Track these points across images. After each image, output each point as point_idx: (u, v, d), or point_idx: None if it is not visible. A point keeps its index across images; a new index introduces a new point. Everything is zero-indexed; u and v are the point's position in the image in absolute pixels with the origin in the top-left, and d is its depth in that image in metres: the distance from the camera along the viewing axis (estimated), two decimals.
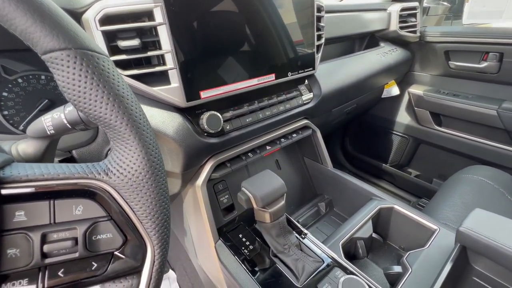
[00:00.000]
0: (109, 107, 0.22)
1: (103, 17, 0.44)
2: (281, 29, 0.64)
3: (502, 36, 1.02)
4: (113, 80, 0.23)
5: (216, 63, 0.55)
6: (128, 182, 0.23)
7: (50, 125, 0.31)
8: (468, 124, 1.20)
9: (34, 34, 0.20)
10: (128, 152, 0.23)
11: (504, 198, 0.88)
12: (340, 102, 0.97)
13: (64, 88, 0.22)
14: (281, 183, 0.55)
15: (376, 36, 1.22)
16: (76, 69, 0.21)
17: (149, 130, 0.25)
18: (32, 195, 0.21)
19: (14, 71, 0.51)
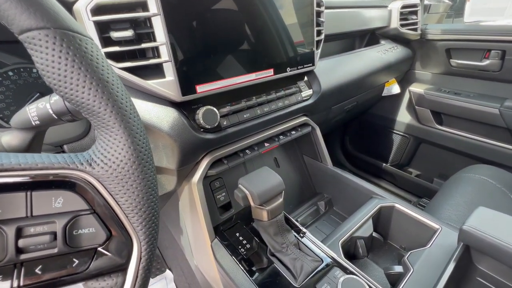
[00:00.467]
0: (92, 92, 0.21)
1: (95, 7, 0.43)
2: (280, 23, 0.62)
3: (504, 34, 1.01)
4: (97, 63, 0.21)
5: (213, 56, 0.53)
6: (113, 173, 0.22)
7: (35, 115, 0.30)
8: (470, 123, 1.19)
9: (9, 11, 0.18)
10: (113, 142, 0.22)
11: (506, 197, 0.87)
12: (340, 100, 0.95)
13: (43, 71, 0.20)
14: (279, 180, 0.54)
15: (377, 34, 1.20)
16: (55, 50, 0.20)
17: (136, 118, 0.23)
18: (6, 186, 0.19)
19: (4, 63, 0.50)
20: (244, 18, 0.56)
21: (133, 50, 0.47)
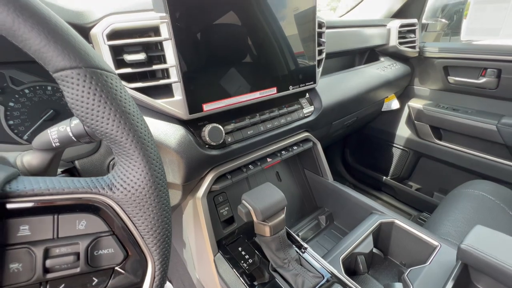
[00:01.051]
0: (115, 124, 0.23)
1: (111, 32, 0.46)
2: (283, 43, 0.65)
3: (500, 53, 1.04)
4: (120, 97, 0.23)
5: (219, 76, 0.56)
6: (132, 197, 0.24)
7: (55, 137, 0.32)
8: (468, 138, 1.21)
9: (47, 54, 0.21)
10: (133, 168, 0.24)
11: (505, 214, 0.88)
12: (340, 115, 0.97)
13: (73, 104, 0.22)
14: (282, 196, 0.55)
15: (376, 51, 1.24)
16: (85, 87, 0.22)
17: (153, 146, 0.25)
18: (37, 210, 0.21)
19: (21, 82, 0.52)
20: (250, 42, 0.59)
21: (144, 71, 0.49)
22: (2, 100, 0.50)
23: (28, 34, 0.20)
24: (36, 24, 0.20)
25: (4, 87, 0.50)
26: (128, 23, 0.46)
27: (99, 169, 0.54)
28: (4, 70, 0.50)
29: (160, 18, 0.47)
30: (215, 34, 0.53)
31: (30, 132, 0.53)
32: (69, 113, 0.56)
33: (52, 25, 0.21)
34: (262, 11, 0.59)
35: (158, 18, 0.47)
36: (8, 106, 0.51)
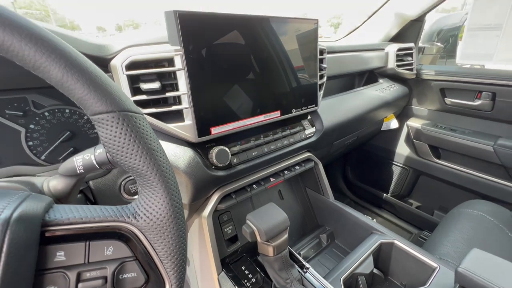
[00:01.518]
0: (142, 160, 0.26)
1: (129, 64, 0.50)
2: (287, 71, 0.70)
3: (494, 78, 1.09)
4: (147, 135, 0.27)
5: (226, 102, 0.60)
6: (153, 225, 0.26)
7: (80, 165, 0.35)
8: (466, 158, 1.23)
9: (87, 101, 0.24)
10: (155, 198, 0.26)
11: (503, 234, 0.89)
12: (341, 136, 1.01)
13: (106, 143, 0.25)
14: (285, 216, 0.57)
15: (375, 72, 1.29)
16: (118, 128, 0.25)
17: (174, 178, 0.28)
18: (71, 237, 0.24)
19: (42, 105, 0.55)
20: (256, 70, 0.63)
21: (158, 98, 0.53)
22: (24, 123, 0.53)
23: (74, 85, 0.23)
24: (81, 77, 0.23)
25: (26, 110, 0.54)
26: (145, 55, 0.50)
27: (112, 189, 0.56)
28: (28, 94, 0.54)
29: (175, 51, 0.51)
30: (224, 64, 0.58)
31: (47, 153, 0.56)
32: (84, 134, 0.59)
33: (93, 76, 0.24)
34: (267, 43, 0.63)
35: (173, 50, 0.51)
36: (29, 128, 0.54)
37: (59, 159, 0.57)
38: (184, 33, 0.50)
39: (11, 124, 0.52)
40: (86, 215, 0.25)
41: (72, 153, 0.57)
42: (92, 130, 0.59)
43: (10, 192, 0.25)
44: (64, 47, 0.24)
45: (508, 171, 1.12)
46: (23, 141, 0.53)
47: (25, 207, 0.22)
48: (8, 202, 0.22)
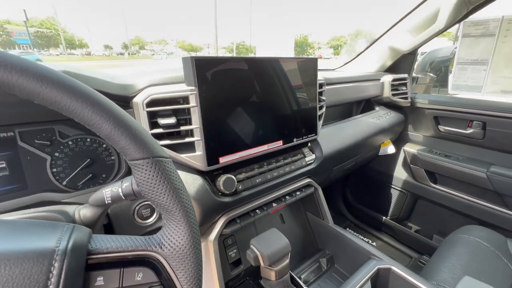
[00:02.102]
0: (169, 198, 0.31)
1: (149, 101, 0.56)
2: (290, 104, 0.76)
3: (484, 108, 1.15)
4: (174, 177, 0.32)
5: (234, 134, 0.65)
6: (176, 254, 0.31)
7: (109, 196, 0.39)
8: (462, 183, 1.27)
9: (129, 150, 0.29)
10: (178, 230, 0.31)
11: (499, 261, 0.91)
12: (340, 162, 1.06)
13: (140, 183, 0.31)
14: (286, 242, 0.61)
15: (372, 100, 1.37)
16: (151, 171, 0.30)
17: (194, 213, 0.33)
18: (110, 264, 0.28)
19: (67, 135, 0.61)
20: (261, 106, 0.69)
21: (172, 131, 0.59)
22: (50, 151, 0.59)
23: (119, 138, 0.29)
24: (125, 132, 0.29)
25: (53, 140, 0.59)
26: (164, 94, 0.56)
27: (126, 213, 0.61)
28: (55, 125, 0.60)
29: (190, 90, 0.57)
30: (233, 100, 0.64)
31: (69, 179, 0.60)
32: (102, 161, 0.64)
33: (134, 129, 0.30)
34: (272, 81, 0.70)
35: (189, 90, 0.57)
36: (54, 156, 0.59)
37: (78, 184, 0.61)
38: (199, 75, 0.56)
39: (39, 152, 0.57)
40: (121, 245, 0.29)
41: (90, 179, 0.62)
42: (110, 157, 0.65)
43: (58, 224, 0.29)
44: (113, 107, 0.29)
45: (502, 198, 1.16)
46: (48, 168, 0.58)
47: (75, 238, 0.27)
48: (61, 234, 0.27)
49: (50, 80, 0.26)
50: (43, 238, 0.26)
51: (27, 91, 0.25)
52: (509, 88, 1.09)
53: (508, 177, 1.10)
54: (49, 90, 0.26)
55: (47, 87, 0.25)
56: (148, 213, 0.63)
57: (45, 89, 0.25)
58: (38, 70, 0.25)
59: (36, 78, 0.25)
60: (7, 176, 0.54)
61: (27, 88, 0.25)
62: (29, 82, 0.25)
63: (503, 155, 1.17)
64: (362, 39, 49.70)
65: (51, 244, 0.25)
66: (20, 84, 0.25)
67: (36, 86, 0.25)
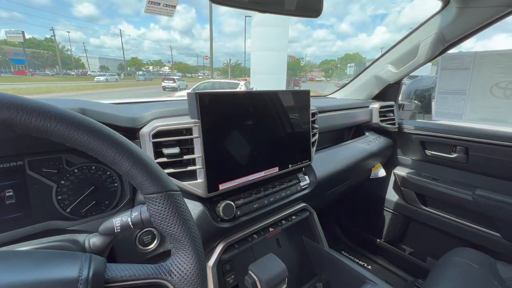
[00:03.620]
0: (179, 228, 0.34)
1: (155, 133, 0.60)
2: (285, 132, 0.81)
3: (466, 134, 1.23)
4: (183, 209, 0.35)
5: (233, 162, 0.69)
6: (184, 281, 0.33)
7: (118, 225, 0.42)
8: (450, 206, 1.32)
9: (144, 185, 0.33)
10: (186, 259, 0.34)
11: (490, 283, 0.94)
12: (333, 186, 1.10)
13: (154, 216, 0.34)
14: (283, 267, 0.63)
15: (362, 126, 1.44)
16: (164, 204, 0.34)
17: (201, 242, 0.36)
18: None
19: (73, 163, 0.64)
20: (259, 136, 0.74)
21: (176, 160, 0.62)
22: (56, 179, 0.61)
23: (137, 175, 0.33)
24: (142, 169, 0.33)
25: (60, 168, 0.62)
26: (169, 126, 0.61)
27: (129, 240, 0.62)
28: (63, 154, 0.62)
29: (194, 122, 0.62)
30: (232, 131, 0.69)
31: (73, 206, 0.62)
32: (105, 188, 0.66)
33: (149, 166, 0.34)
34: (269, 112, 0.76)
35: (192, 122, 0.62)
36: (60, 183, 0.61)
37: (82, 211, 0.63)
38: (202, 108, 0.61)
39: (45, 181, 0.59)
40: (134, 274, 0.32)
41: (94, 205, 0.64)
42: (113, 184, 0.67)
43: (76, 254, 0.32)
44: (132, 147, 0.33)
45: (489, 220, 1.20)
46: (53, 195, 0.60)
47: (94, 267, 0.30)
48: (81, 264, 0.30)
49: (83, 128, 0.30)
50: (66, 268, 0.29)
51: (64, 138, 0.29)
52: (487, 116, 1.17)
53: (493, 200, 1.16)
54: (82, 136, 0.30)
55: (80, 133, 0.29)
56: (149, 239, 0.64)
57: (79, 135, 0.29)
58: (73, 118, 0.30)
59: (73, 127, 0.29)
60: (13, 204, 0.55)
61: (64, 135, 0.29)
62: (66, 129, 0.29)
63: (486, 178, 1.23)
64: (351, 63, 51.48)
65: (74, 273, 0.28)
66: (56, 131, 0.29)
67: (72, 133, 0.29)
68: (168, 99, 1.04)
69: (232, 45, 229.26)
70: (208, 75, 55.60)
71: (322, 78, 64.62)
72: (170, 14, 0.75)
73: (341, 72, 57.80)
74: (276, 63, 13.27)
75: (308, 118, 0.88)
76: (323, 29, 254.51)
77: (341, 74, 56.04)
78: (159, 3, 0.72)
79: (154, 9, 0.72)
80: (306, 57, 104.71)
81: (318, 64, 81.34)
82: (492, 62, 1.12)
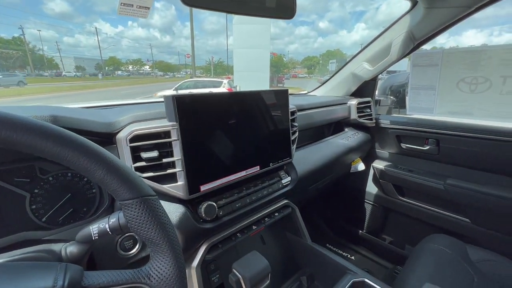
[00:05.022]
0: (156, 232, 0.34)
1: (132, 137, 0.59)
2: (265, 131, 0.83)
3: (436, 127, 1.30)
4: (160, 213, 0.36)
5: (214, 162, 0.70)
6: (163, 284, 0.34)
7: (96, 232, 0.42)
8: (425, 195, 1.39)
9: (119, 191, 0.33)
10: (165, 262, 0.35)
11: (461, 267, 1.00)
12: (314, 181, 1.13)
13: (130, 221, 0.34)
14: (266, 263, 0.65)
15: (341, 122, 1.49)
16: (140, 210, 0.34)
17: (179, 244, 0.37)
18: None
19: (47, 171, 0.62)
20: (239, 136, 0.75)
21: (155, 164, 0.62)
22: (29, 188, 0.59)
23: (111, 181, 0.33)
24: (116, 176, 0.33)
25: (33, 176, 0.60)
26: (147, 130, 0.60)
27: (110, 246, 0.61)
28: (36, 162, 0.60)
29: (172, 126, 0.62)
30: (212, 132, 0.69)
31: (48, 215, 0.60)
32: (83, 194, 0.64)
33: (124, 173, 0.34)
34: (247, 111, 0.77)
35: (170, 125, 0.62)
36: (33, 192, 0.59)
37: (58, 220, 0.61)
38: (179, 111, 0.61)
39: (17, 190, 0.57)
40: (112, 280, 0.32)
41: (71, 213, 0.62)
42: (90, 190, 0.66)
43: (51, 264, 0.32)
44: (105, 154, 0.33)
45: (460, 207, 1.28)
46: (27, 205, 0.58)
47: (70, 276, 0.30)
48: (56, 274, 0.29)
49: (52, 137, 0.29)
50: (39, 279, 0.28)
51: (32, 148, 0.29)
52: (455, 110, 1.25)
53: (462, 188, 1.23)
54: (51, 145, 0.29)
55: (50, 143, 0.29)
56: (131, 244, 0.64)
57: (47, 144, 0.29)
58: (41, 128, 0.29)
59: (41, 137, 0.29)
60: None
61: (31, 145, 0.28)
62: (33, 139, 0.28)
63: (456, 168, 1.31)
64: (332, 59, 52.26)
65: (49, 284, 0.28)
66: (24, 142, 0.28)
67: (40, 143, 0.29)
68: (144, 101, 1.03)
69: (214, 42, 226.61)
70: (191, 73, 54.73)
71: (305, 75, 65.44)
72: (144, 15, 0.74)
73: (323, 69, 58.81)
74: (259, 60, 13.28)
75: (288, 116, 0.90)
76: (305, 26, 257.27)
77: (323, 70, 57.04)
78: (132, 4, 0.71)
79: (127, 10, 0.70)
80: (288, 54, 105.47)
81: (300, 60, 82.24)
82: (458, 59, 1.19)
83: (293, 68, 72.29)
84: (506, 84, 1.10)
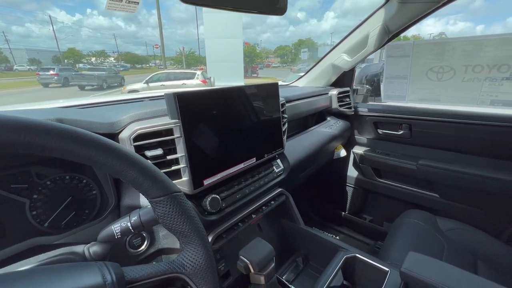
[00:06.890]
0: (186, 225, 0.37)
1: (136, 136, 0.60)
2: (259, 124, 0.86)
3: (409, 113, 1.43)
4: (188, 207, 0.38)
5: (215, 158, 0.72)
6: (196, 271, 0.37)
7: (118, 231, 0.43)
8: (400, 175, 1.53)
9: (150, 190, 0.35)
10: (197, 252, 0.37)
11: (434, 237, 1.14)
12: (304, 169, 1.19)
13: (161, 217, 0.36)
14: (270, 248, 0.70)
15: (324, 112, 1.56)
16: (170, 206, 0.36)
17: (206, 234, 0.39)
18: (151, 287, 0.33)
19: (44, 175, 0.60)
20: (237, 131, 0.77)
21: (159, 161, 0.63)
22: (28, 194, 0.57)
23: (142, 181, 0.34)
24: (148, 176, 0.34)
25: (30, 182, 0.58)
26: (150, 128, 0.61)
27: (119, 244, 0.62)
28: (31, 167, 0.58)
29: (174, 123, 0.63)
30: (212, 128, 0.71)
31: (51, 220, 0.59)
32: (83, 196, 0.64)
33: (153, 173, 0.36)
34: (243, 105, 0.79)
35: (172, 123, 0.62)
36: (33, 198, 0.58)
37: (61, 224, 0.60)
38: (181, 109, 0.62)
39: (15, 197, 0.56)
40: (151, 272, 0.34)
41: (74, 216, 0.62)
42: (91, 192, 0.65)
43: (90, 264, 0.33)
44: (135, 156, 0.35)
45: (430, 184, 1.43)
46: (27, 211, 0.57)
47: (114, 272, 0.31)
48: (100, 271, 0.31)
49: (89, 142, 0.30)
50: (88, 276, 0.30)
51: (66, 154, 0.29)
52: (424, 97, 1.37)
53: (432, 167, 1.38)
54: (87, 151, 0.30)
55: (85, 149, 0.30)
56: (139, 241, 0.65)
57: (83, 151, 0.30)
58: (75, 134, 0.30)
59: (77, 143, 0.29)
60: None
61: (67, 152, 0.29)
62: (69, 146, 0.29)
63: (427, 149, 1.45)
64: (304, 48, 52.60)
65: (99, 280, 0.29)
66: (60, 148, 0.29)
67: (76, 149, 0.29)
68: (142, 96, 1.01)
69: (183, 32, 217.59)
70: (160, 65, 52.29)
71: (278, 64, 65.64)
72: (133, 10, 0.72)
73: (295, 58, 59.37)
74: (232, 50, 13.04)
75: (279, 108, 0.94)
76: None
77: (295, 59, 57.59)
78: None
79: (116, 5, 0.69)
80: (261, 44, 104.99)
81: (273, 50, 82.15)
82: (427, 50, 1.30)
83: (266, 58, 72.14)
84: (467, 72, 1.23)
